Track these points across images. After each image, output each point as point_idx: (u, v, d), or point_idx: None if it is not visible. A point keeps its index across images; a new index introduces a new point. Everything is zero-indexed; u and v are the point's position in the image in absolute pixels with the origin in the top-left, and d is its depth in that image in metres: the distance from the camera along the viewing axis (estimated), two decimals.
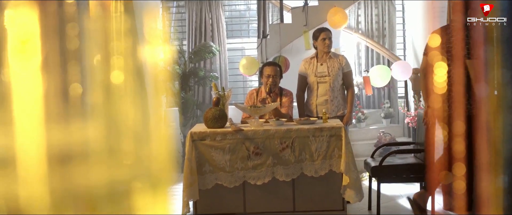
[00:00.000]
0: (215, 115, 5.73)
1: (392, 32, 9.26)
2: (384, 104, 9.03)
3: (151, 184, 1.47)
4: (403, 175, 5.84)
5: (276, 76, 6.42)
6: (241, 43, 10.10)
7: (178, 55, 8.76)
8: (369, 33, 9.21)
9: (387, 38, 9.21)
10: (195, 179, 5.54)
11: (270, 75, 6.40)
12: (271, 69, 6.43)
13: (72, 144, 1.40)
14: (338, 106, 6.54)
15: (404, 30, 9.62)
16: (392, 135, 8.46)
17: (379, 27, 9.24)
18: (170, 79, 8.50)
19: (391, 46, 9.17)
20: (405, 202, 6.47)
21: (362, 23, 9.29)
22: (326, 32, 6.61)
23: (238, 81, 9.79)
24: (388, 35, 9.22)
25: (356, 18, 9.30)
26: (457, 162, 5.17)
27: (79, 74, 1.47)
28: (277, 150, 5.61)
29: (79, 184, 1.38)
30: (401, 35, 9.63)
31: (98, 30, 1.55)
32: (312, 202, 5.71)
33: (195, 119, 8.63)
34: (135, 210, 1.45)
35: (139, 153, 1.49)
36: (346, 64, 6.59)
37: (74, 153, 1.40)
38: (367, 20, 9.27)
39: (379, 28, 9.24)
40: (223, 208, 5.72)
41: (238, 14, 10.08)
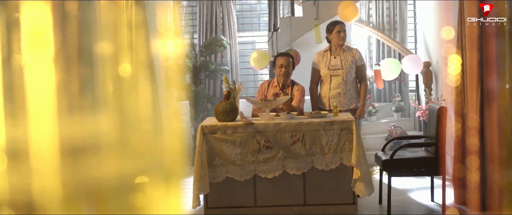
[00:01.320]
0: (226, 108, 5.73)
1: (404, 26, 9.23)
2: (395, 98, 9.01)
3: (162, 177, 1.47)
4: (414, 168, 5.83)
5: (288, 66, 6.42)
6: (251, 36, 10.09)
7: (189, 48, 8.76)
8: (380, 26, 9.19)
9: (398, 31, 9.18)
10: (205, 173, 5.54)
11: (282, 65, 6.40)
12: (284, 59, 6.43)
13: (84, 136, 1.41)
14: (350, 99, 6.53)
15: (415, 24, 9.58)
16: (403, 129, 8.44)
17: (390, 21, 9.20)
18: (181, 73, 8.51)
19: (402, 40, 9.14)
20: (416, 196, 6.46)
21: (373, 16, 9.26)
22: (340, 25, 6.60)
23: (249, 74, 9.78)
24: (400, 28, 9.19)
25: (367, 11, 9.27)
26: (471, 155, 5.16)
27: (91, 67, 1.48)
28: (288, 144, 5.60)
29: (91, 176, 1.38)
30: (412, 29, 9.59)
31: (110, 23, 1.56)
32: (323, 195, 5.71)
33: (206, 113, 8.64)
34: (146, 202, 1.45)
35: (151, 145, 1.50)
36: (359, 58, 6.57)
37: (86, 145, 1.40)
38: (378, 14, 9.24)
39: (390, 21, 9.20)
40: (233, 201, 5.73)
41: (249, 8, 10.07)
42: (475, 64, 5.61)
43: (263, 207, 5.72)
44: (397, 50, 8.85)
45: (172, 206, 1.48)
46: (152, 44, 1.65)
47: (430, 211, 5.93)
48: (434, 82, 8.33)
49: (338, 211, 5.70)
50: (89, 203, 1.39)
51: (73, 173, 1.36)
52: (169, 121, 1.54)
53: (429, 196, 6.28)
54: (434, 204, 6.13)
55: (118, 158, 1.43)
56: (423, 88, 8.40)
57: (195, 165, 5.52)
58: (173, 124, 1.55)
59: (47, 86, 1.34)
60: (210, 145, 5.61)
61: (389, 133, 8.28)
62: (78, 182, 1.36)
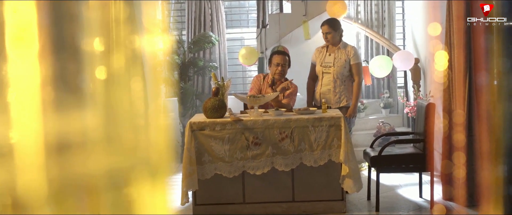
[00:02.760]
0: (215, 105, 5.72)
1: (392, 23, 9.24)
2: (383, 95, 9.02)
3: (149, 173, 1.46)
4: (402, 165, 5.85)
5: (285, 65, 6.42)
6: (240, 33, 10.08)
7: (178, 45, 8.74)
8: (368, 23, 9.19)
9: (386, 28, 9.19)
10: (194, 169, 5.54)
11: (279, 64, 6.40)
12: (281, 58, 6.43)
13: (70, 132, 1.40)
14: (340, 97, 6.49)
15: (404, 21, 9.60)
16: (392, 125, 8.46)
17: (379, 17, 9.21)
18: (169, 69, 8.49)
19: (390, 36, 9.15)
20: (404, 192, 6.48)
21: (361, 13, 9.27)
22: (324, 27, 6.56)
23: (237, 71, 9.77)
24: (388, 25, 9.20)
25: (356, 8, 9.28)
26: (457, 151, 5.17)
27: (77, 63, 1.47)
28: (277, 140, 5.61)
29: (77, 172, 1.37)
30: (400, 26, 9.60)
31: (97, 19, 1.54)
32: (311, 192, 5.72)
33: (194, 109, 8.62)
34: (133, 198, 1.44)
35: (137, 142, 1.49)
36: (353, 56, 6.50)
37: (72, 141, 1.39)
38: (367, 10, 9.24)
39: (378, 18, 9.21)
40: (222, 198, 5.73)
41: (237, 4, 10.05)
42: (463, 61, 5.63)
43: (252, 204, 5.72)
44: (385, 46, 8.86)
45: (158, 202, 1.47)
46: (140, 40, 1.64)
47: (418, 207, 5.94)
48: (423, 78, 8.35)
49: (327, 207, 5.71)
50: (75, 199, 1.38)
51: (59, 169, 1.35)
52: (155, 117, 1.54)
53: (417, 192, 6.30)
54: (422, 200, 6.15)
55: (105, 154, 1.42)
56: (412, 84, 8.42)
57: (184, 162, 5.52)
58: (160, 120, 1.54)
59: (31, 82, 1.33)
60: (198, 141, 5.60)
61: (378, 129, 8.29)
62: (63, 178, 1.35)
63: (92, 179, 1.39)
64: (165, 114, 2.13)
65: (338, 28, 6.54)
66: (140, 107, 1.52)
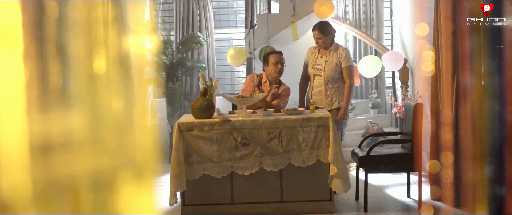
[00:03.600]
0: (203, 105, 5.72)
1: (380, 23, 9.26)
2: (371, 95, 9.04)
3: (134, 174, 1.46)
4: (390, 165, 5.86)
5: (282, 63, 6.44)
6: (228, 33, 10.08)
7: (166, 45, 8.72)
8: (356, 23, 9.21)
9: (374, 28, 9.21)
10: (182, 170, 5.53)
11: (278, 62, 6.40)
12: (278, 57, 6.44)
13: (55, 133, 1.39)
14: (332, 100, 6.47)
15: (392, 21, 9.62)
16: (380, 125, 8.48)
17: (367, 18, 9.23)
18: (158, 70, 8.48)
19: (379, 37, 9.17)
20: (392, 192, 6.49)
21: (349, 13, 9.28)
22: (314, 32, 6.54)
23: (225, 71, 9.77)
24: (376, 25, 9.22)
25: (344, 8, 9.29)
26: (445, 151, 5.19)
27: (62, 64, 1.46)
28: (265, 140, 5.61)
29: (62, 173, 1.37)
30: (389, 26, 9.62)
31: (82, 19, 1.54)
32: (300, 192, 5.72)
33: (182, 110, 8.61)
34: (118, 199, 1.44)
35: (123, 142, 1.49)
36: (344, 59, 6.44)
37: (56, 142, 1.39)
38: (355, 10, 9.26)
39: (367, 18, 9.23)
40: (210, 198, 5.72)
41: (225, 4, 10.04)
42: (450, 61, 5.65)
43: (240, 204, 5.72)
44: (373, 47, 8.88)
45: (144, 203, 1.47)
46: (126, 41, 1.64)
47: (406, 207, 5.96)
48: (411, 78, 8.37)
49: (315, 207, 5.72)
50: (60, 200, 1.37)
51: (43, 170, 1.34)
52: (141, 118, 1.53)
53: (405, 192, 6.31)
54: (411, 200, 6.16)
55: (90, 155, 1.42)
56: (400, 85, 8.44)
57: (172, 162, 5.52)
58: (146, 121, 1.54)
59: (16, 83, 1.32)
60: (187, 142, 5.60)
61: (366, 130, 8.31)
62: (48, 179, 1.35)
63: (77, 179, 1.38)
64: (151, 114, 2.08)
65: (329, 32, 6.50)
66: (125, 108, 1.52)
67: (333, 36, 6.57)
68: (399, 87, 8.62)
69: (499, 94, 4.04)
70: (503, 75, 4.07)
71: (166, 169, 7.74)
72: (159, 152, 8.63)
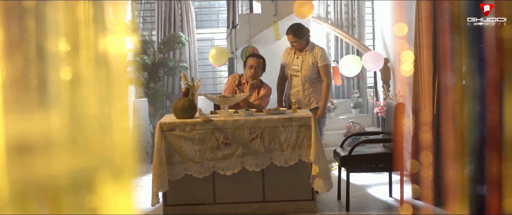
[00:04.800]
0: (185, 105, 5.70)
1: (362, 23, 9.29)
2: (353, 94, 9.06)
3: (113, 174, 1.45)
4: (372, 164, 5.89)
5: (258, 67, 6.42)
6: (210, 33, 10.05)
7: (147, 45, 8.69)
8: (338, 23, 9.23)
9: (356, 28, 9.24)
10: (164, 170, 5.52)
11: (252, 66, 6.41)
12: (255, 61, 6.44)
13: (33, 134, 1.38)
14: (310, 99, 6.49)
15: (374, 21, 9.65)
16: (362, 125, 8.50)
17: (349, 18, 9.25)
18: (139, 70, 8.45)
19: (360, 36, 9.20)
20: (374, 191, 6.51)
21: (331, 13, 9.30)
22: (288, 36, 6.53)
23: (207, 71, 9.75)
24: (358, 25, 9.24)
25: (326, 8, 9.31)
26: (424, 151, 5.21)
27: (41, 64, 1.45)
28: (247, 140, 5.61)
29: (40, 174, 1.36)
30: (370, 26, 9.65)
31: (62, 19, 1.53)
32: (282, 192, 5.73)
33: (164, 110, 8.59)
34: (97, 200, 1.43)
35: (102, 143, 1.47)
36: (320, 58, 6.45)
37: (34, 143, 1.38)
38: (337, 10, 9.28)
39: (348, 18, 9.25)
40: (192, 198, 5.71)
41: (207, 4, 10.03)
42: (431, 61, 5.68)
43: (222, 204, 5.72)
44: (355, 47, 8.90)
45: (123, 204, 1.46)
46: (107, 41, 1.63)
47: (388, 206, 5.98)
48: (392, 78, 8.41)
49: (297, 207, 5.72)
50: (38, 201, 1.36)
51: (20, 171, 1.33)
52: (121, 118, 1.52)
53: (387, 192, 6.33)
54: (392, 199, 6.19)
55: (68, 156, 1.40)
56: (381, 84, 8.47)
57: (154, 162, 5.50)
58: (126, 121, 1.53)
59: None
60: (168, 142, 5.58)
61: (348, 129, 8.33)
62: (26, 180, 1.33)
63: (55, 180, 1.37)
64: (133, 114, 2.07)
65: (303, 35, 6.49)
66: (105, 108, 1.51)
67: (308, 37, 6.58)
68: (380, 87, 8.65)
69: (480, 94, 4.06)
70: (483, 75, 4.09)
71: (148, 169, 7.72)
72: (139, 152, 8.61)
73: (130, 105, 8.90)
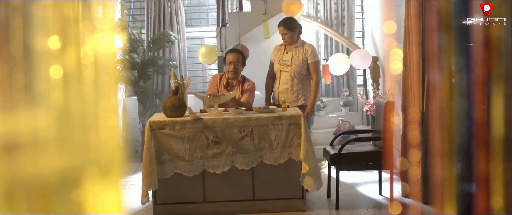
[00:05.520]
0: (174, 104, 5.70)
1: (351, 21, 9.30)
2: (343, 93, 9.08)
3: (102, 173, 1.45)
4: (362, 162, 5.90)
5: (237, 63, 6.38)
6: (200, 32, 10.05)
7: (137, 44, 8.67)
8: (328, 21, 9.24)
9: (346, 26, 9.25)
10: (154, 168, 5.52)
11: (231, 62, 6.35)
12: (233, 56, 6.38)
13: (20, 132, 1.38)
14: (298, 96, 6.49)
15: (363, 19, 9.67)
16: (351, 123, 8.52)
17: (338, 16, 9.27)
18: (129, 68, 8.43)
19: (350, 34, 9.21)
20: (364, 190, 6.53)
21: (321, 11, 9.30)
22: (279, 28, 6.55)
23: (197, 70, 9.74)
24: (347, 23, 9.26)
25: (315, 6, 9.32)
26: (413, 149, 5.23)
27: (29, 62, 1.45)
28: (237, 139, 5.61)
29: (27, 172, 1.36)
30: (360, 24, 9.67)
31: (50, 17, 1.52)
32: (272, 190, 5.73)
33: (154, 108, 8.58)
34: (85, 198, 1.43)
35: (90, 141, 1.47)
36: (311, 55, 6.47)
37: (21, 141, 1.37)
38: (326, 9, 9.28)
39: (338, 16, 9.27)
40: (182, 197, 5.71)
41: (197, 3, 10.02)
42: (420, 59, 5.70)
43: (212, 203, 5.72)
44: (345, 45, 8.92)
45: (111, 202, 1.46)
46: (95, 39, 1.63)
47: (378, 204, 6.00)
48: (382, 76, 8.42)
49: (287, 205, 5.73)
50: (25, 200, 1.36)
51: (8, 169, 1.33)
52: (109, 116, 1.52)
53: (377, 190, 6.35)
54: (382, 197, 6.21)
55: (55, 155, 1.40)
56: (371, 82, 8.49)
57: (144, 161, 5.50)
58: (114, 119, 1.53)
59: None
60: (158, 140, 5.58)
61: (337, 128, 8.34)
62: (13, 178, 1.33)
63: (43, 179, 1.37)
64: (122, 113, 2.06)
65: (294, 27, 6.53)
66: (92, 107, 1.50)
67: (299, 32, 6.59)
68: (370, 85, 8.66)
69: (468, 92, 4.08)
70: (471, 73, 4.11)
71: (138, 167, 7.71)
72: (129, 151, 8.60)
73: (120, 103, 8.89)
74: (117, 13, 8.87)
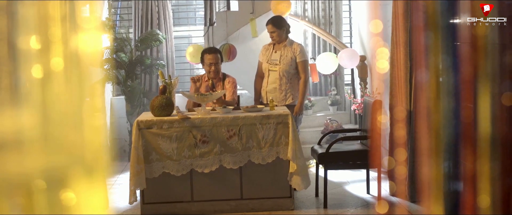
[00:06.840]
0: (162, 103, 5.69)
1: (339, 20, 9.31)
2: (330, 92, 9.08)
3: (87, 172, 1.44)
4: (349, 161, 5.91)
5: (218, 64, 6.37)
6: (187, 31, 10.03)
7: (124, 43, 8.65)
8: (315, 20, 9.24)
9: (333, 26, 9.26)
10: (142, 168, 5.51)
11: (212, 64, 6.33)
12: (212, 57, 6.35)
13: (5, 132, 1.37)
14: (286, 95, 6.49)
15: (351, 18, 9.69)
16: (339, 122, 8.52)
17: (326, 15, 9.27)
18: (116, 67, 8.41)
19: (337, 33, 9.22)
20: (352, 188, 6.54)
21: (309, 10, 9.30)
22: (268, 26, 6.56)
23: (185, 69, 9.73)
24: (335, 22, 9.26)
25: (303, 5, 9.32)
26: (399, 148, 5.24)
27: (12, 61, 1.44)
28: (224, 138, 5.61)
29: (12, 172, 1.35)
30: (347, 23, 9.69)
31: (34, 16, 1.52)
32: (260, 189, 5.73)
33: (142, 107, 8.55)
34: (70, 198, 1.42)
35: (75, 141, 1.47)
36: (299, 54, 6.48)
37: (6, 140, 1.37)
38: (314, 8, 9.29)
39: (325, 15, 9.27)
40: (170, 196, 5.70)
41: (184, 2, 10.01)
42: (406, 58, 5.71)
43: (200, 202, 5.72)
44: (332, 44, 8.92)
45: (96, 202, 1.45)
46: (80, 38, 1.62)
47: (365, 203, 6.01)
48: (369, 76, 8.44)
49: (275, 204, 5.73)
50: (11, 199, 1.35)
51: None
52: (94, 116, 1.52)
53: (365, 189, 6.36)
54: (370, 196, 6.22)
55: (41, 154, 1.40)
56: (359, 81, 8.50)
57: (131, 161, 5.49)
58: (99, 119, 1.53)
59: None
60: (146, 140, 5.57)
61: (325, 126, 8.34)
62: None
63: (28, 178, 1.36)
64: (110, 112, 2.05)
65: (283, 25, 6.54)
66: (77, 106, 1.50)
67: (287, 30, 6.60)
68: (358, 84, 8.68)
69: (455, 90, 4.10)
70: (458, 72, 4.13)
71: (126, 167, 7.69)
72: (116, 150, 8.58)
73: (107, 103, 8.86)
74: (105, 12, 8.84)
